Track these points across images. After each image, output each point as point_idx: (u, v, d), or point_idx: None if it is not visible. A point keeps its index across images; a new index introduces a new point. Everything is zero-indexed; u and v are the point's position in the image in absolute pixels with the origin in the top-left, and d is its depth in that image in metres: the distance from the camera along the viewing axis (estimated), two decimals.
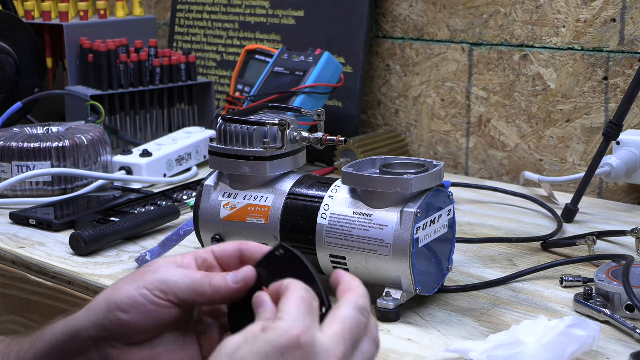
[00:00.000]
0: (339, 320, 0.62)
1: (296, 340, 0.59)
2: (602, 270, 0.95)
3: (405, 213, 0.89)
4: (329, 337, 0.61)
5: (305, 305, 0.61)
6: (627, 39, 1.33)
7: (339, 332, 0.61)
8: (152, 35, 1.80)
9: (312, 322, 0.61)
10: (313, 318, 0.61)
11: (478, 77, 1.50)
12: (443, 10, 1.53)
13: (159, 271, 0.68)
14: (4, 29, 1.65)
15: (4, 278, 1.14)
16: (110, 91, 1.63)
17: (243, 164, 0.98)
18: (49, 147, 1.36)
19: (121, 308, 0.67)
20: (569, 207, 1.24)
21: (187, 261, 0.70)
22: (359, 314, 0.63)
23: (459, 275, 1.04)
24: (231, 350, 0.59)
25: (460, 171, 1.55)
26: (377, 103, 1.65)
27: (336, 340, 0.61)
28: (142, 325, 0.67)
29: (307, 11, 1.66)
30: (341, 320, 0.62)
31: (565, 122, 1.41)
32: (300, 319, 0.60)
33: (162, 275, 0.68)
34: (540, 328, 0.80)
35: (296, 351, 0.59)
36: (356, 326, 0.62)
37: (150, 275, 0.68)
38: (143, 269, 0.69)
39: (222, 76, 1.80)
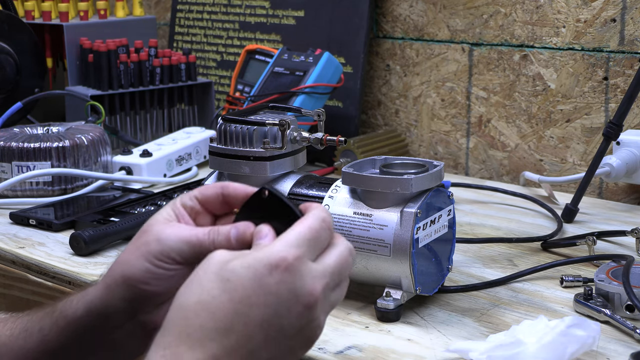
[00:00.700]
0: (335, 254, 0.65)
1: (284, 261, 0.61)
2: (602, 270, 0.95)
3: (405, 213, 0.89)
4: (320, 267, 0.63)
5: (311, 234, 0.63)
6: (627, 39, 1.33)
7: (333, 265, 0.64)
8: (152, 35, 1.80)
9: (308, 251, 0.63)
10: (311, 248, 0.63)
11: (478, 77, 1.50)
12: (443, 10, 1.53)
13: (161, 238, 0.69)
14: (4, 29, 1.65)
15: (4, 278, 1.14)
16: (110, 91, 1.63)
17: (243, 164, 0.98)
18: (49, 147, 1.36)
19: (141, 281, 0.69)
20: (569, 207, 1.24)
21: (179, 213, 0.71)
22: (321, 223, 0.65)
23: (459, 275, 1.04)
24: (222, 261, 0.61)
25: (460, 171, 1.55)
26: (377, 103, 1.65)
27: (328, 270, 0.63)
28: (166, 287, 0.69)
29: (307, 11, 1.66)
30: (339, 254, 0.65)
31: (565, 122, 1.41)
32: (295, 245, 0.62)
33: (166, 243, 0.68)
34: (540, 328, 0.80)
35: (284, 273, 0.61)
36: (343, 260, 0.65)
37: (155, 244, 0.69)
38: (144, 236, 0.70)
39: (222, 76, 1.80)
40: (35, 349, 0.72)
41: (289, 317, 0.61)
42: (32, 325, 0.73)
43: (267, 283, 0.60)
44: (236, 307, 0.60)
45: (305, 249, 0.62)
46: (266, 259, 0.61)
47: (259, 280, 0.60)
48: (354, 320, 0.91)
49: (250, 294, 0.60)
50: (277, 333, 0.61)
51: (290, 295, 0.61)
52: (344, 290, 0.66)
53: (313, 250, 0.63)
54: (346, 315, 0.93)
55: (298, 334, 0.62)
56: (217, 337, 0.60)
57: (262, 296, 0.60)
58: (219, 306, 0.60)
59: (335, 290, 0.65)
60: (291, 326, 0.61)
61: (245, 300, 0.60)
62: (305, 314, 0.62)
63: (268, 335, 0.61)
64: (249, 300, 0.60)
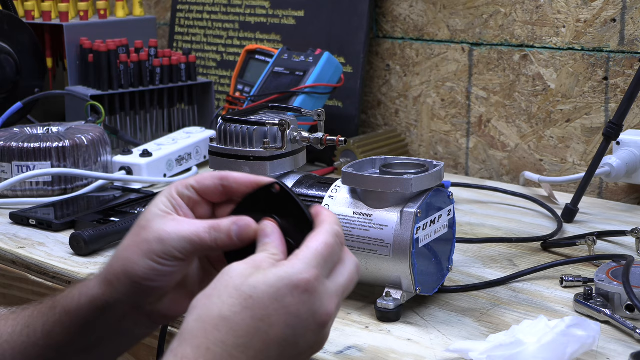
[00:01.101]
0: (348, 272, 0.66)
1: (305, 282, 0.62)
2: (602, 270, 0.95)
3: (405, 213, 0.89)
4: (333, 287, 0.64)
5: (327, 251, 0.64)
6: (627, 39, 1.33)
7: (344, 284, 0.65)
8: (152, 35, 1.80)
9: (324, 269, 0.64)
10: (327, 266, 0.64)
11: (478, 77, 1.50)
12: (443, 10, 1.53)
13: (163, 238, 0.68)
14: (4, 29, 1.65)
15: (4, 278, 1.14)
16: (110, 91, 1.63)
17: (243, 164, 0.98)
18: (49, 147, 1.36)
19: (144, 278, 0.69)
20: (569, 207, 1.24)
21: (177, 203, 0.70)
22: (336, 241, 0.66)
23: (459, 275, 1.04)
24: (241, 277, 0.62)
25: (460, 171, 1.55)
26: (377, 103, 1.65)
27: (340, 290, 0.65)
28: (169, 281, 0.69)
29: (307, 11, 1.66)
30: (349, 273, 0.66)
31: (565, 122, 1.41)
32: (314, 265, 0.63)
33: (168, 242, 0.68)
34: (540, 328, 0.80)
35: (305, 294, 0.62)
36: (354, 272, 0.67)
37: (157, 244, 0.68)
38: (144, 233, 0.69)
39: (222, 76, 1.80)
40: (40, 344, 0.73)
41: (305, 336, 0.62)
42: (35, 322, 0.73)
43: (288, 303, 0.61)
44: (257, 325, 0.61)
45: (323, 268, 0.63)
46: (288, 279, 0.62)
47: (281, 300, 0.61)
48: (354, 320, 0.91)
49: (272, 313, 0.61)
50: (293, 350, 0.62)
51: (309, 315, 0.62)
52: None
53: (328, 268, 0.64)
54: (346, 315, 0.93)
55: (310, 349, 0.64)
56: (235, 353, 0.60)
57: (283, 316, 0.61)
58: (239, 322, 0.61)
59: (340, 306, 0.66)
60: (306, 343, 0.63)
61: (266, 319, 0.61)
62: (319, 332, 0.63)
63: (284, 352, 0.62)
64: (270, 319, 0.61)
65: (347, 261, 0.66)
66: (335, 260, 0.65)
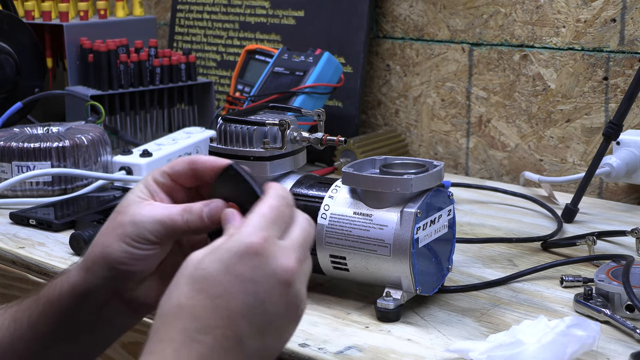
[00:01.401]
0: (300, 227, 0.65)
1: (252, 246, 0.61)
2: (602, 270, 0.95)
3: (405, 213, 0.89)
4: (288, 243, 0.63)
5: (273, 213, 0.63)
6: (627, 39, 1.33)
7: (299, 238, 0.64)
8: (152, 35, 1.80)
9: (274, 230, 0.62)
10: (276, 227, 0.63)
11: (478, 77, 1.50)
12: (443, 10, 1.53)
13: (137, 220, 0.70)
14: (4, 29, 1.65)
15: (4, 278, 1.14)
16: (110, 91, 1.63)
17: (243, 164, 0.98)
18: (49, 147, 1.36)
19: (120, 262, 0.70)
20: (569, 207, 1.24)
21: (153, 189, 0.72)
22: None
23: (459, 275, 1.04)
24: (195, 262, 0.62)
25: (460, 171, 1.55)
26: (377, 103, 1.65)
27: (296, 244, 0.63)
28: (145, 265, 0.70)
29: (307, 11, 1.66)
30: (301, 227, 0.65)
31: (565, 122, 1.41)
32: (259, 227, 0.62)
33: (141, 225, 0.69)
34: (540, 328, 0.80)
35: (253, 258, 0.61)
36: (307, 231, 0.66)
37: (131, 227, 0.70)
38: (119, 217, 0.71)
39: (222, 76, 1.80)
40: (26, 337, 0.73)
41: (271, 299, 0.61)
42: (21, 315, 0.74)
43: (241, 271, 0.60)
44: (216, 303, 0.60)
45: (271, 229, 0.62)
46: (235, 248, 0.61)
47: (233, 270, 0.60)
48: (354, 320, 0.91)
49: (227, 286, 0.60)
50: (262, 317, 0.61)
51: (267, 277, 0.61)
52: (310, 261, 0.66)
53: (278, 229, 0.63)
54: (346, 315, 0.93)
55: (284, 313, 0.62)
56: (200, 337, 0.60)
57: (238, 285, 0.60)
58: (197, 306, 0.60)
59: (306, 261, 0.64)
60: (275, 307, 0.61)
61: (224, 295, 0.60)
62: (286, 292, 0.61)
63: (253, 322, 0.60)
64: (227, 294, 0.60)
65: (298, 218, 0.66)
66: (286, 220, 0.64)
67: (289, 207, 0.65)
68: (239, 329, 0.60)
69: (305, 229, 0.65)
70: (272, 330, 0.61)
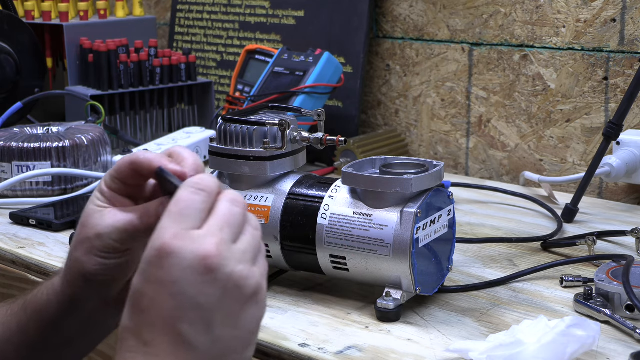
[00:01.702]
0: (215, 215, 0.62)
1: (162, 249, 0.59)
2: (602, 270, 0.95)
3: (405, 213, 0.89)
4: (203, 231, 0.60)
5: (180, 205, 0.61)
6: (627, 39, 1.33)
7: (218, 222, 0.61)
8: (152, 35, 1.80)
9: (186, 223, 0.60)
10: (187, 218, 0.60)
11: (478, 77, 1.50)
12: (443, 10, 1.53)
13: (101, 233, 0.70)
14: (4, 29, 1.65)
15: (4, 278, 1.14)
16: (110, 91, 1.63)
17: (243, 164, 0.98)
18: (49, 147, 1.36)
19: (98, 274, 0.70)
20: (569, 207, 1.24)
21: (110, 195, 0.71)
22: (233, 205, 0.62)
23: (459, 275, 1.04)
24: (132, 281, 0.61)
25: (460, 171, 1.55)
26: (377, 103, 1.65)
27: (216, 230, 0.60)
28: (126, 269, 0.71)
29: (307, 11, 1.66)
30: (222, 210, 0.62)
31: (565, 122, 1.41)
32: (168, 226, 0.60)
33: (106, 236, 0.70)
34: (540, 328, 0.80)
35: (167, 259, 0.58)
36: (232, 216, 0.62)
37: (97, 240, 0.70)
38: (84, 231, 0.70)
39: (222, 76, 1.80)
40: (15, 341, 0.74)
41: (201, 292, 0.58)
42: (9, 320, 0.75)
43: (159, 277, 0.58)
44: (150, 316, 0.58)
45: (180, 223, 0.60)
46: (148, 256, 0.59)
47: (152, 279, 0.59)
48: (354, 320, 0.91)
49: (153, 295, 0.58)
50: (200, 313, 0.58)
51: (186, 272, 0.58)
52: (252, 233, 0.63)
53: (191, 219, 0.60)
54: (346, 315, 0.93)
55: (223, 299, 0.59)
56: (147, 351, 0.58)
57: (162, 291, 0.58)
58: (136, 324, 0.59)
59: (240, 237, 0.62)
60: (209, 298, 0.58)
61: (152, 305, 0.58)
62: (213, 278, 0.58)
63: (192, 320, 0.58)
64: (154, 302, 0.58)
65: (219, 202, 0.62)
66: (198, 207, 0.61)
67: (202, 194, 0.61)
68: (181, 332, 0.58)
69: (226, 211, 0.61)
70: (217, 320, 0.59)
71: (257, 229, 0.63)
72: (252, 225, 0.63)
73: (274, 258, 0.98)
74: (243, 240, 0.62)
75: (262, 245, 0.64)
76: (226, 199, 0.62)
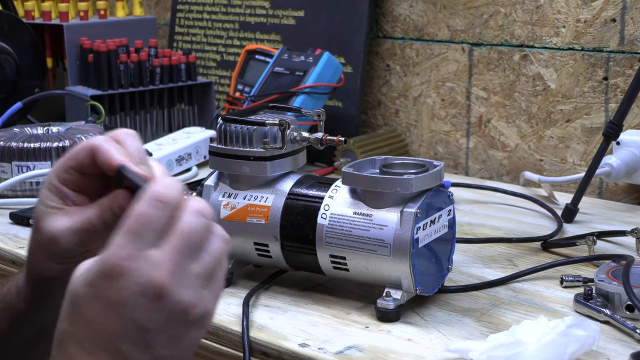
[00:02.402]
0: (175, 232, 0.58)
1: (115, 269, 0.56)
2: (602, 270, 0.95)
3: (405, 213, 0.89)
4: (160, 254, 0.57)
5: (139, 221, 0.57)
6: (627, 39, 1.33)
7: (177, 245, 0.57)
8: (152, 35, 1.80)
9: (141, 243, 0.57)
10: (143, 237, 0.57)
11: (478, 77, 1.50)
12: (443, 10, 1.53)
13: (57, 238, 0.66)
14: (4, 29, 1.65)
15: (4, 278, 1.14)
16: (110, 91, 1.63)
17: (243, 164, 0.98)
18: (49, 147, 1.36)
19: (60, 278, 0.66)
20: (569, 207, 1.24)
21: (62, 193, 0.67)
22: (199, 217, 0.59)
23: (459, 275, 1.04)
24: (73, 284, 0.58)
25: (460, 171, 1.55)
26: (377, 103, 1.65)
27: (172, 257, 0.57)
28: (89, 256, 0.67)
29: (307, 11, 1.66)
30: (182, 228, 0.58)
31: (565, 122, 1.41)
32: (123, 244, 0.56)
33: (63, 241, 0.66)
34: (540, 328, 0.80)
35: (119, 280, 0.56)
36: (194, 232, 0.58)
37: (55, 246, 0.67)
38: (40, 237, 0.67)
39: (222, 76, 1.80)
40: None
41: (147, 317, 0.56)
42: None
43: (108, 296, 0.56)
44: (93, 327, 0.56)
45: (136, 242, 0.56)
46: (99, 271, 0.57)
47: (101, 295, 0.56)
48: (354, 320, 0.91)
49: (99, 311, 0.56)
50: (143, 334, 0.56)
51: (136, 296, 0.56)
52: (214, 250, 0.59)
53: (149, 238, 0.57)
54: (346, 315, 0.93)
55: (167, 324, 0.57)
56: None
57: (108, 310, 0.56)
58: (77, 331, 0.57)
59: (199, 257, 0.58)
60: (154, 322, 0.57)
61: (97, 319, 0.56)
62: (160, 305, 0.56)
63: (135, 341, 0.56)
64: (100, 317, 0.56)
65: (181, 216, 0.58)
66: (155, 225, 0.57)
67: (162, 208, 0.57)
68: (123, 348, 0.57)
69: (187, 227, 0.58)
70: (160, 342, 0.57)
71: (222, 241, 0.60)
72: (216, 238, 0.60)
73: (274, 258, 0.98)
74: (201, 261, 0.59)
75: (223, 262, 0.60)
76: (190, 211, 0.58)
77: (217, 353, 0.91)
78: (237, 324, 0.90)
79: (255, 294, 0.97)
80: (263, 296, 0.98)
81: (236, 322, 0.91)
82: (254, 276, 1.03)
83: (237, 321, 0.91)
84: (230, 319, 0.92)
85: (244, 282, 1.01)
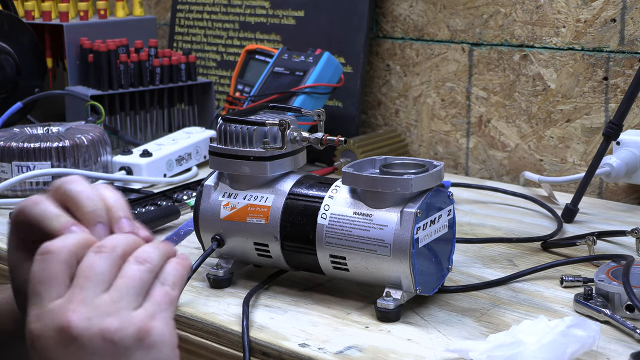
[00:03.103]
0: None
1: (31, 334, 0.57)
2: (602, 270, 0.95)
3: (405, 213, 0.89)
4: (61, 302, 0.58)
5: (33, 280, 0.58)
6: (627, 39, 1.33)
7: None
8: (152, 35, 1.80)
9: (41, 297, 0.58)
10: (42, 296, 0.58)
11: (478, 77, 1.50)
12: (443, 10, 1.53)
13: None
14: (4, 29, 1.66)
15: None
16: (110, 91, 1.63)
17: (243, 164, 0.98)
18: (49, 147, 1.36)
19: None
20: (569, 207, 1.24)
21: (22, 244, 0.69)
22: None
23: (459, 275, 1.04)
24: None
25: (460, 171, 1.55)
26: (377, 103, 1.65)
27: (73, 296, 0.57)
28: None
29: (307, 11, 1.66)
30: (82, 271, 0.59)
31: (565, 122, 1.41)
32: (29, 312, 0.58)
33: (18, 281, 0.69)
34: (540, 328, 0.80)
35: (35, 342, 0.57)
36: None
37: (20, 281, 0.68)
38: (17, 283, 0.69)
39: (222, 76, 1.80)
40: None
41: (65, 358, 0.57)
42: None
43: (37, 351, 0.58)
44: None
45: (43, 297, 0.58)
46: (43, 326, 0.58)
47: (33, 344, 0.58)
48: (354, 320, 0.91)
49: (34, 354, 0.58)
50: None
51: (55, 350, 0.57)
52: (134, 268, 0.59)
53: (53, 289, 0.58)
54: (346, 315, 0.93)
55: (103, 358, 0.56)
56: None
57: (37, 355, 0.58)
58: None
59: (113, 283, 0.58)
60: None
61: None
62: (79, 346, 0.56)
63: None
64: None
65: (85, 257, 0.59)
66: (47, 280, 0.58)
67: (51, 260, 0.58)
68: None
69: (89, 263, 0.58)
70: None
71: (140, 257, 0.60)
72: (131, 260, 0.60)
73: (274, 258, 0.98)
74: (116, 285, 0.58)
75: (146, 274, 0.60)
76: (94, 249, 0.59)
77: (217, 353, 0.91)
78: (237, 324, 0.90)
79: (255, 294, 0.97)
80: (263, 296, 0.98)
81: (236, 322, 0.91)
82: (254, 276, 1.03)
83: (237, 321, 0.91)
84: (230, 319, 0.92)
85: (244, 282, 1.01)
